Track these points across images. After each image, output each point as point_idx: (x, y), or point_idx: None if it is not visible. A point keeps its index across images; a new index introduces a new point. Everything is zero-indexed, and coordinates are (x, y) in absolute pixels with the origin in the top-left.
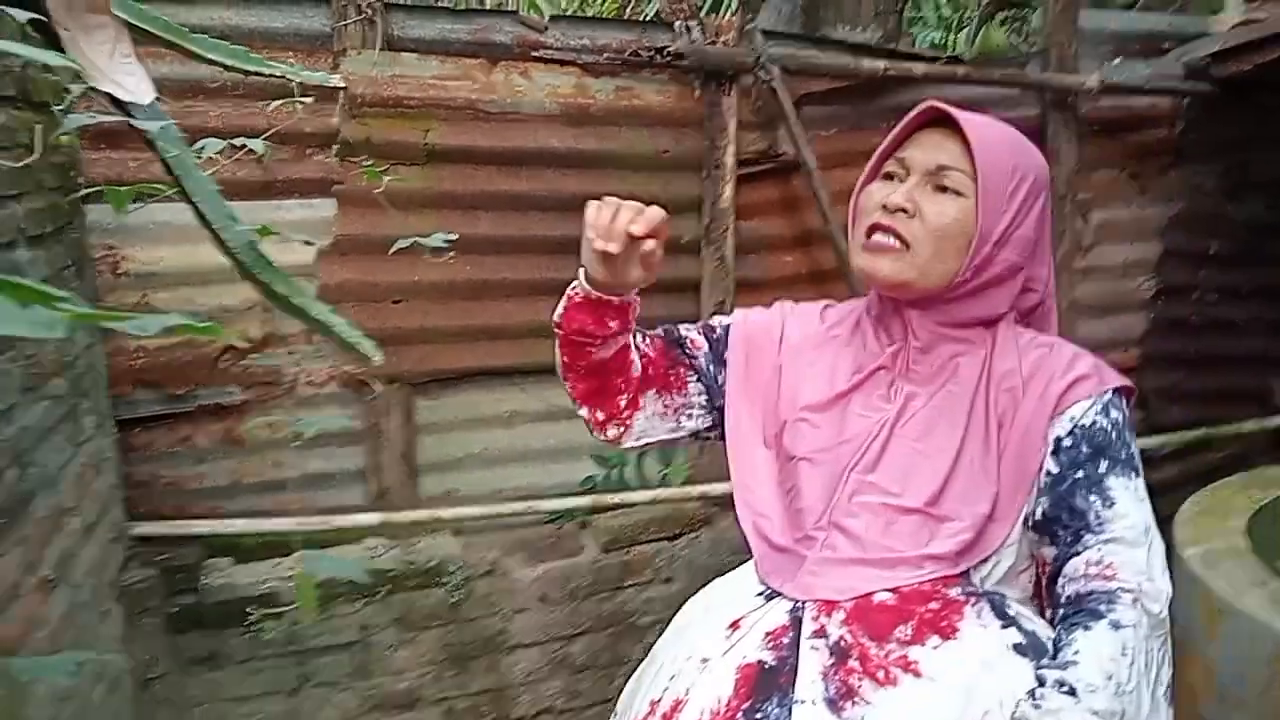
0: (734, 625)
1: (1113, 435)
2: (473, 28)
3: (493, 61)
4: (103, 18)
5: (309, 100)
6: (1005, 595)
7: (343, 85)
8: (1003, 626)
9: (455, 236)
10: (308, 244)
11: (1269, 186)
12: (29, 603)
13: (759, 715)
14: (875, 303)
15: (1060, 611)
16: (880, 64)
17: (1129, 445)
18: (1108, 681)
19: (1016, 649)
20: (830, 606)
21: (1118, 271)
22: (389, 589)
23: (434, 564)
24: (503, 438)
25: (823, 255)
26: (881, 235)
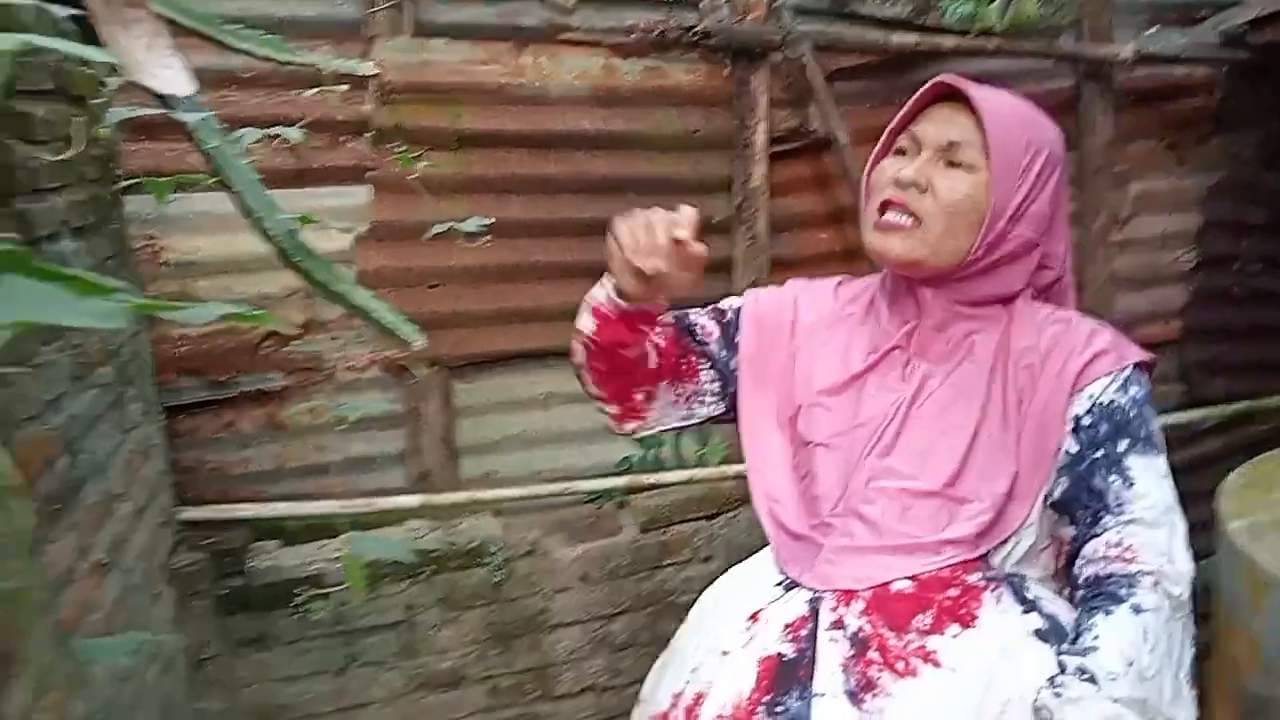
0: (753, 617)
1: (1132, 413)
2: (501, 11)
3: (521, 45)
4: (140, 12)
5: (342, 88)
6: (1025, 576)
7: (375, 73)
8: (1023, 612)
9: (490, 220)
10: (347, 231)
11: None
12: (83, 587)
13: (779, 708)
14: (889, 281)
15: (1080, 593)
16: (911, 38)
17: (1149, 422)
18: (1129, 668)
19: (1037, 634)
20: (849, 596)
21: (1157, 243)
22: (432, 570)
23: (475, 545)
24: (540, 419)
25: (856, 232)
26: (893, 213)
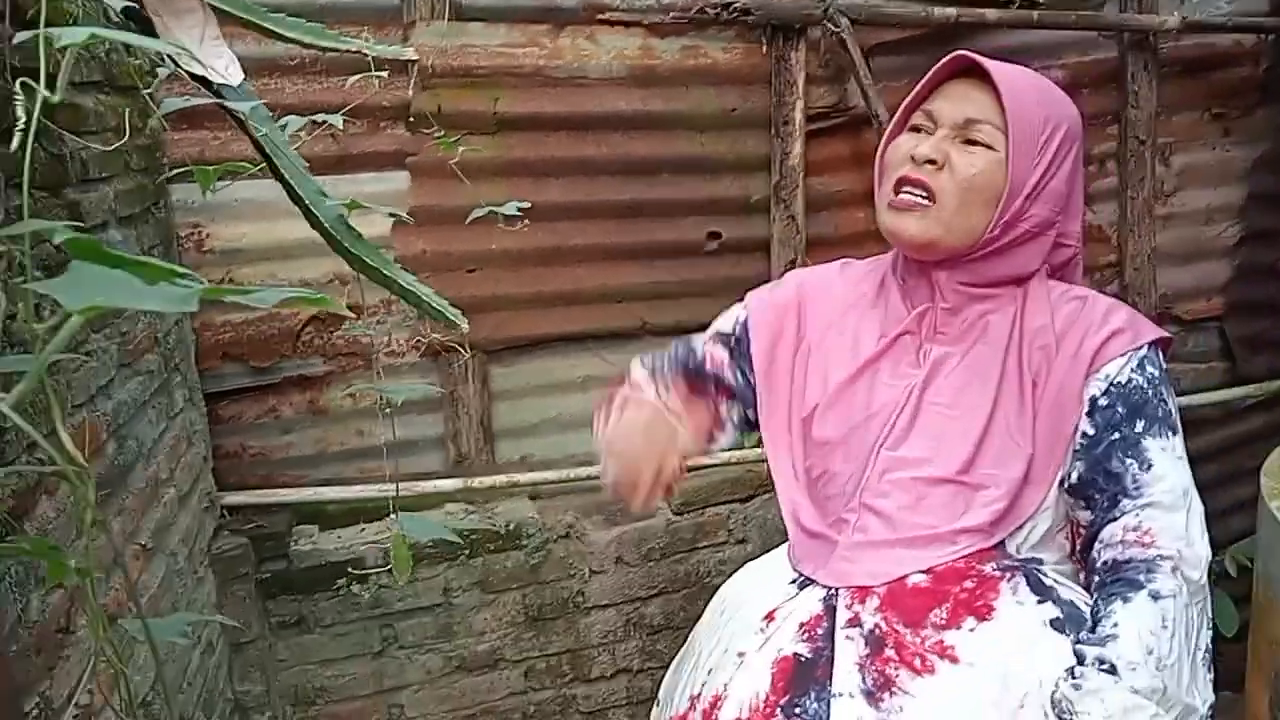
0: (768, 617)
1: (1149, 393)
2: None
3: (559, 26)
4: (191, 2)
5: (383, 74)
6: (1042, 561)
7: (416, 58)
8: (1039, 602)
9: (528, 204)
10: (393, 216)
11: None
12: (129, 570)
13: (798, 709)
14: (900, 263)
15: (1097, 578)
16: (951, 11)
17: (1166, 402)
18: (1148, 657)
19: (1054, 624)
20: (863, 593)
21: (1201, 217)
22: (469, 553)
23: (512, 527)
24: (577, 402)
25: None
26: (909, 190)
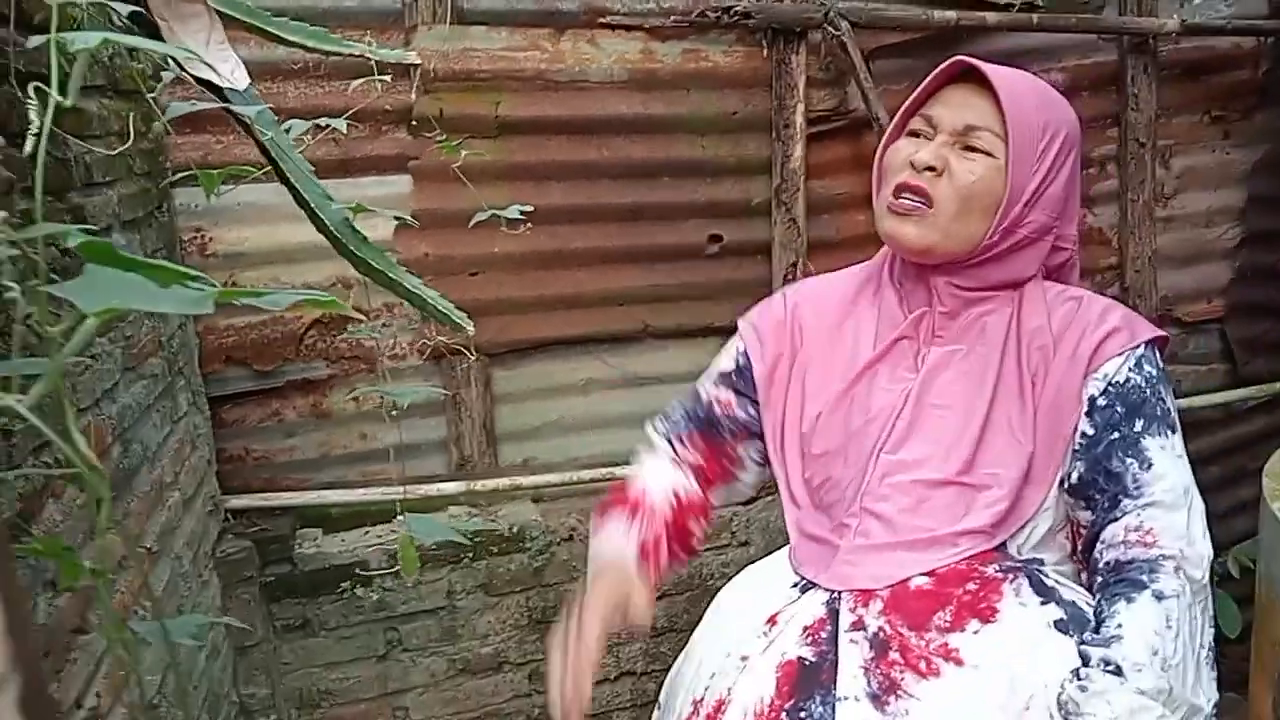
0: (771, 621)
1: (1147, 392)
2: None
3: (560, 30)
4: (197, 6)
5: (386, 78)
6: (1043, 561)
7: (418, 62)
8: (1042, 603)
9: (531, 208)
10: (398, 219)
11: None
12: (135, 574)
13: (803, 713)
14: (898, 267)
15: (1100, 579)
16: (951, 14)
17: (1164, 401)
18: (1153, 658)
19: (1057, 626)
20: (867, 596)
21: (1201, 219)
22: (472, 555)
23: (515, 530)
24: (579, 405)
25: None
26: (908, 196)
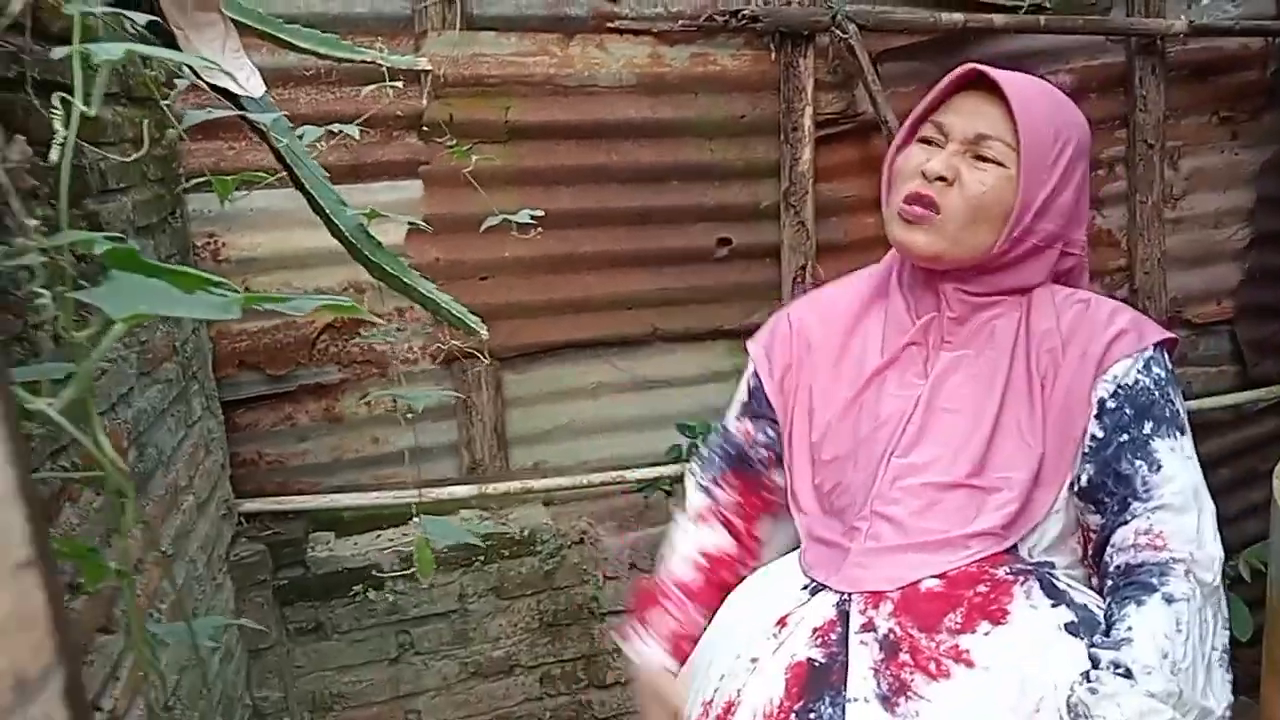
0: (781, 622)
1: (1156, 394)
2: (548, 2)
3: (569, 35)
4: (212, 15)
5: (397, 84)
6: (1054, 565)
7: (430, 68)
8: (1053, 605)
9: (541, 212)
10: (412, 224)
11: None
12: (150, 577)
13: (812, 715)
14: (906, 272)
15: (1110, 582)
16: (959, 17)
17: (1173, 402)
18: (1163, 661)
19: (1068, 628)
20: (877, 598)
21: (1210, 221)
22: (484, 559)
23: (527, 533)
24: (589, 409)
25: None
26: (919, 206)
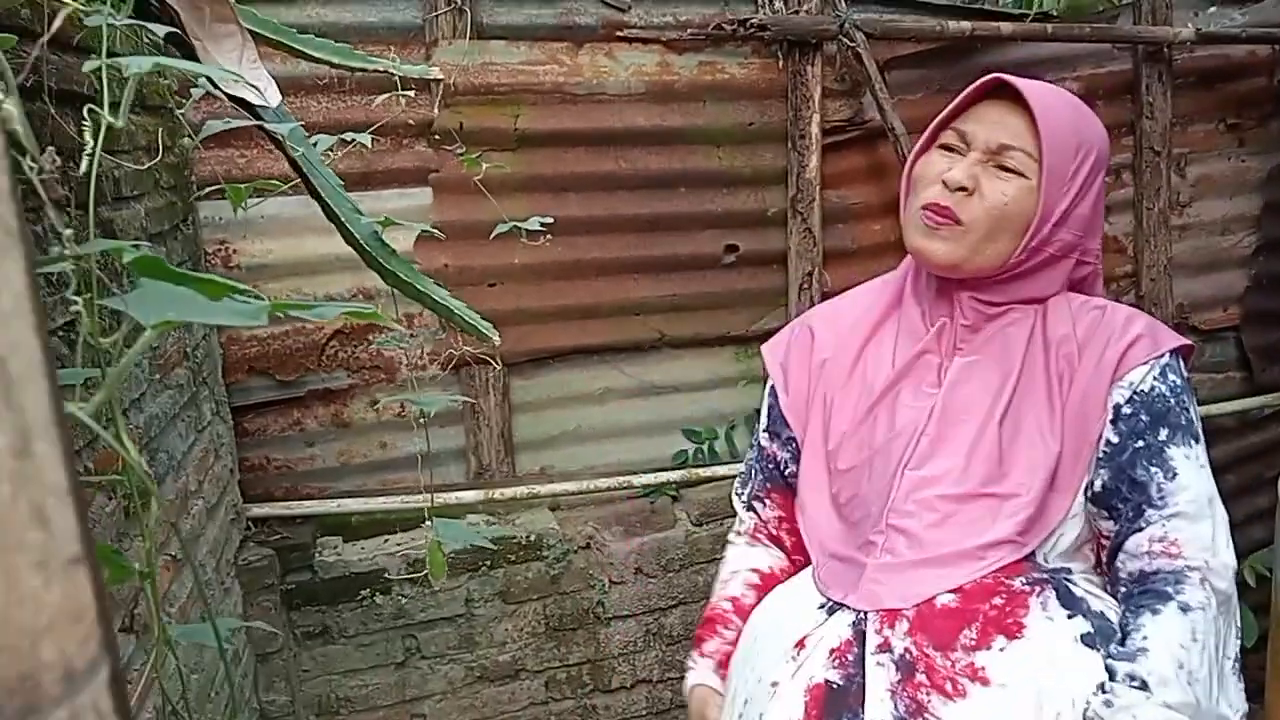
0: (799, 644)
1: (1172, 401)
2: (558, 11)
3: (578, 44)
4: (230, 26)
5: (410, 93)
6: (1071, 571)
7: (441, 77)
8: (1069, 616)
9: (551, 219)
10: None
11: None
12: (160, 581)
13: None
14: (922, 280)
15: (1124, 590)
16: (966, 25)
17: (1189, 410)
18: (1180, 671)
19: (1084, 640)
20: (893, 616)
21: (1217, 227)
22: (490, 563)
23: (533, 538)
24: (596, 414)
25: None
26: (939, 215)
